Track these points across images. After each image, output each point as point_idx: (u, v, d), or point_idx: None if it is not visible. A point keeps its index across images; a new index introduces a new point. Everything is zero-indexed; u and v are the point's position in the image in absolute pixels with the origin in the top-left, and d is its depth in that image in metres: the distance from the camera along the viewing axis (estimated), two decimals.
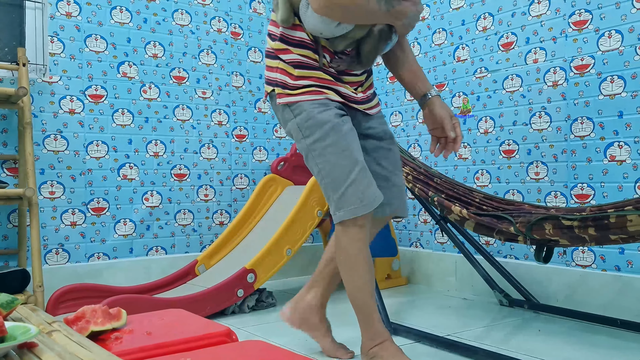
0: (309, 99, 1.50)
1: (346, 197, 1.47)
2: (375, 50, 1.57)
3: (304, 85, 1.51)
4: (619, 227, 1.50)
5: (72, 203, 2.53)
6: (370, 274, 1.58)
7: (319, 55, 1.52)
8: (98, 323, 1.02)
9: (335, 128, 1.48)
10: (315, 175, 1.55)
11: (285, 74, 1.53)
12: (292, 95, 1.51)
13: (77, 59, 2.56)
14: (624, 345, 1.77)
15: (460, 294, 2.60)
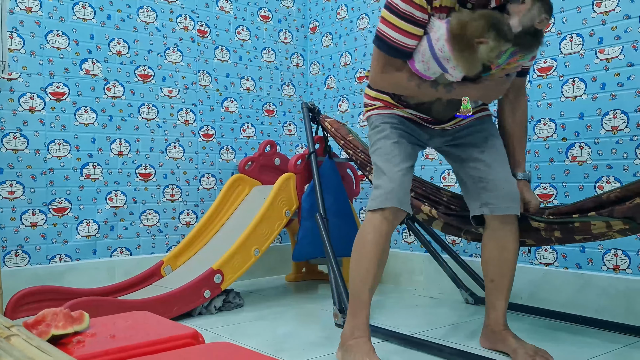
0: (377, 112, 1.72)
1: (376, 191, 1.61)
2: (445, 112, 1.65)
3: (376, 104, 1.75)
4: (583, 230, 1.55)
5: (32, 203, 2.46)
6: (377, 269, 1.62)
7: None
8: (59, 327, 0.99)
9: (387, 137, 1.65)
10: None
11: (366, 97, 1.79)
12: (368, 111, 1.77)
13: (37, 55, 2.49)
14: (584, 341, 1.82)
15: (428, 292, 2.63)
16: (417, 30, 1.48)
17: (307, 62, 3.42)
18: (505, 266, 1.65)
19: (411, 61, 1.54)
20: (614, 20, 2.04)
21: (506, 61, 1.47)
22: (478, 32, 1.39)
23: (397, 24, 1.49)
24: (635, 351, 1.69)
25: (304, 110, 2.56)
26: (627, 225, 1.45)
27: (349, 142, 2.35)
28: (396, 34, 1.50)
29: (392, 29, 1.50)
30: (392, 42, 1.51)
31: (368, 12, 3.02)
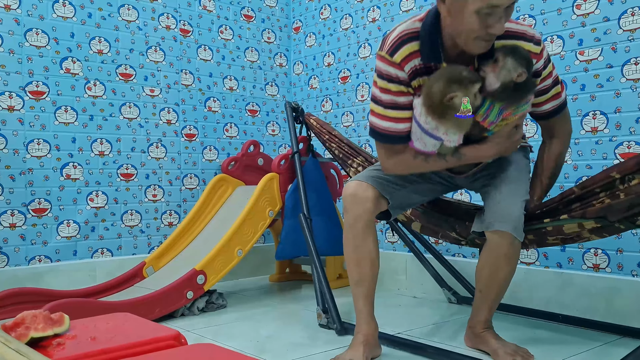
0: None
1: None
2: (464, 168, 1.68)
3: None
4: (555, 233, 1.57)
5: (11, 204, 2.42)
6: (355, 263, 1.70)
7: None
8: (39, 329, 0.98)
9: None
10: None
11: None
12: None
13: (16, 53, 2.45)
14: (564, 339, 1.84)
15: (411, 292, 2.64)
16: (405, 114, 1.54)
17: (290, 62, 3.42)
18: (495, 283, 1.63)
19: (410, 142, 1.57)
20: (593, 23, 2.06)
21: (498, 117, 1.49)
22: (443, 91, 1.43)
23: (384, 114, 1.55)
24: (615, 349, 1.72)
25: (287, 110, 2.55)
26: (599, 224, 1.46)
27: (334, 136, 2.34)
28: (386, 123, 1.56)
29: (380, 119, 1.56)
30: (385, 131, 1.57)
31: (351, 13, 3.02)
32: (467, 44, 1.44)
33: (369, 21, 2.92)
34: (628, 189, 1.33)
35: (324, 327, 2.01)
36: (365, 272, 1.69)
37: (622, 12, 1.99)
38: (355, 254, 1.68)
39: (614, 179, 1.36)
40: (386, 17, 2.83)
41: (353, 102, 2.99)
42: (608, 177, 1.37)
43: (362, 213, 1.64)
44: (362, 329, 1.69)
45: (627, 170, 1.33)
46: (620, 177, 1.35)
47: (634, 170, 1.31)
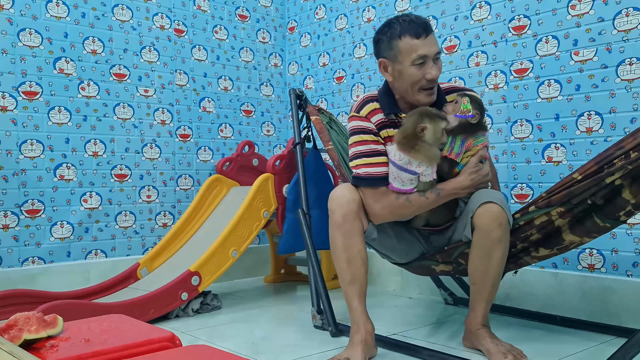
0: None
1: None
2: (441, 216, 1.81)
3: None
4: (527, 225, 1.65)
5: (4, 205, 2.40)
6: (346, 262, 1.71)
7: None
8: (32, 331, 0.97)
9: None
10: None
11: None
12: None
13: (9, 53, 2.44)
14: (560, 339, 1.84)
15: (406, 293, 2.64)
16: (383, 159, 1.72)
17: (285, 62, 3.41)
18: (488, 271, 1.65)
19: (390, 185, 1.70)
20: (588, 23, 2.07)
21: (462, 147, 1.68)
22: (415, 122, 1.63)
23: (365, 162, 1.72)
24: (610, 349, 1.71)
25: (291, 97, 2.47)
26: (564, 208, 1.53)
27: (329, 152, 2.26)
28: (367, 169, 1.71)
29: (363, 167, 1.72)
30: (368, 174, 1.71)
31: (346, 13, 3.02)
32: (415, 96, 1.73)
33: (364, 21, 2.92)
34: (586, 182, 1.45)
35: (318, 329, 2.01)
36: (357, 270, 1.70)
37: (616, 13, 1.99)
38: (346, 253, 1.69)
39: (576, 180, 1.47)
40: (381, 17, 2.83)
41: (348, 102, 2.99)
42: (571, 179, 1.49)
43: (348, 212, 1.68)
44: (359, 329, 1.68)
45: (587, 171, 1.45)
46: (581, 178, 1.46)
47: (594, 171, 1.43)
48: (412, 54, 1.68)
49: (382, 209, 1.71)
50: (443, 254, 1.79)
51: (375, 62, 2.83)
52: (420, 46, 1.68)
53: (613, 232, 2.00)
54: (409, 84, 1.72)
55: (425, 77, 1.69)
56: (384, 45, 1.76)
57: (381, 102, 1.79)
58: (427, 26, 1.71)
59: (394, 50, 1.72)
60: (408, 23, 1.71)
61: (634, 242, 1.96)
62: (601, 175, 1.41)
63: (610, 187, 1.44)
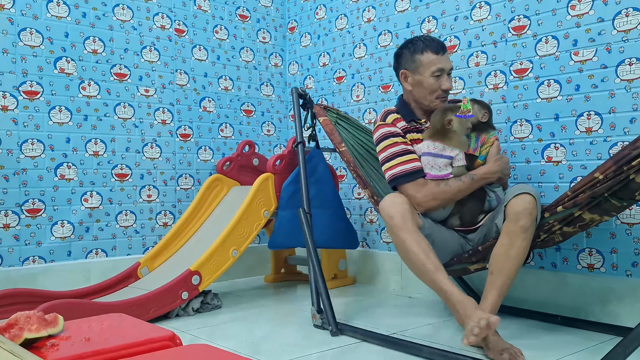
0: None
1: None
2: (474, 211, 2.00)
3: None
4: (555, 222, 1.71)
5: (4, 204, 2.41)
6: (424, 255, 1.76)
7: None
8: (32, 330, 0.97)
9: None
10: None
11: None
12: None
13: (10, 53, 2.44)
14: (559, 339, 1.84)
15: (406, 292, 2.64)
16: (414, 156, 1.96)
17: (285, 62, 3.41)
18: (508, 261, 1.70)
19: (427, 175, 1.93)
20: (588, 23, 2.07)
21: (477, 142, 1.92)
22: (442, 117, 1.92)
23: (400, 161, 1.95)
24: (609, 348, 1.72)
25: (294, 96, 2.47)
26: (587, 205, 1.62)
27: (342, 154, 2.25)
28: (403, 166, 1.94)
29: (399, 166, 1.94)
30: (404, 172, 1.93)
31: (347, 13, 3.02)
32: (432, 103, 2.01)
33: (364, 21, 2.92)
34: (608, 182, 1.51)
35: (318, 328, 2.01)
36: (436, 259, 1.76)
37: (616, 13, 2.00)
38: (420, 247, 1.76)
39: (598, 180, 1.53)
40: (381, 17, 2.83)
41: (348, 102, 2.99)
42: (593, 179, 1.54)
43: (404, 212, 1.80)
44: (468, 303, 1.67)
45: (607, 171, 1.50)
46: (603, 178, 1.51)
47: (613, 170, 1.48)
48: (432, 67, 1.97)
49: (425, 197, 1.90)
50: (477, 254, 1.84)
51: (376, 62, 2.85)
52: (439, 61, 1.98)
53: (612, 232, 2.00)
54: (427, 92, 2.00)
55: (441, 88, 1.99)
56: (406, 59, 2.04)
57: (401, 113, 2.06)
58: (444, 46, 2.03)
59: (415, 63, 2.00)
60: (430, 41, 2.01)
61: (633, 242, 1.96)
62: (621, 176, 1.47)
63: (626, 181, 1.50)
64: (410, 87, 2.04)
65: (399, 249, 1.82)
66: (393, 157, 1.96)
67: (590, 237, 2.06)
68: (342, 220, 2.59)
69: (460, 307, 1.68)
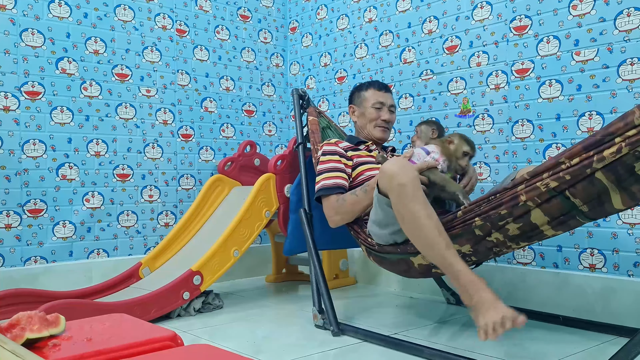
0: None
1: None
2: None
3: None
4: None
5: (6, 204, 2.41)
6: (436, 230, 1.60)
7: None
8: (34, 330, 0.97)
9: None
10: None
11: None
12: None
13: (12, 53, 2.44)
14: (561, 339, 1.84)
15: (407, 292, 2.64)
16: (339, 173, 2.11)
17: (287, 62, 3.42)
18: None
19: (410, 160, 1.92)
20: (589, 23, 2.07)
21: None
22: (448, 136, 2.00)
23: (324, 176, 2.10)
24: (611, 349, 1.72)
25: (294, 97, 2.50)
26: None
27: (316, 151, 2.31)
28: (324, 182, 2.10)
29: (320, 182, 2.11)
30: (323, 186, 2.10)
31: (348, 13, 3.02)
32: (372, 131, 2.29)
33: (366, 21, 2.92)
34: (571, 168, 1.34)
35: (320, 328, 2.01)
36: (446, 235, 1.60)
37: (618, 13, 1.99)
38: (432, 221, 1.60)
39: (562, 162, 1.36)
40: (382, 18, 2.83)
41: None
42: (557, 163, 1.37)
43: (415, 179, 1.64)
44: (479, 283, 1.52)
45: (574, 155, 1.33)
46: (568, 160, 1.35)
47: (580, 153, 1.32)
48: (373, 99, 2.29)
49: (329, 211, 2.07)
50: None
51: (377, 62, 2.85)
52: (380, 96, 2.30)
53: (614, 232, 2.00)
54: (368, 121, 2.29)
55: (381, 118, 2.28)
56: (354, 97, 2.38)
57: (349, 140, 2.31)
58: (387, 86, 2.36)
59: (360, 98, 2.34)
60: (374, 82, 2.38)
61: (635, 242, 1.96)
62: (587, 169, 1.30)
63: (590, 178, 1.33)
64: (356, 118, 2.35)
65: (407, 220, 1.63)
66: (320, 172, 2.12)
67: (592, 237, 2.06)
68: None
69: (470, 288, 1.52)
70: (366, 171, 2.14)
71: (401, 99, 2.73)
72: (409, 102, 2.69)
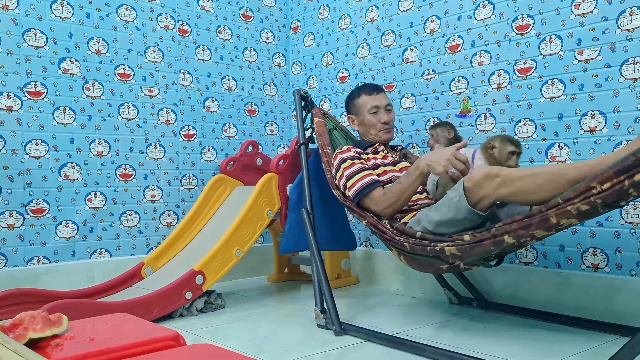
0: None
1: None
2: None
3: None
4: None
5: (9, 204, 2.42)
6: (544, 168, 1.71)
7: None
8: (37, 330, 0.97)
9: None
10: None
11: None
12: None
13: (14, 54, 2.45)
14: (563, 339, 1.84)
15: (410, 292, 2.64)
16: (369, 171, 2.09)
17: (289, 62, 3.42)
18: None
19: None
20: (592, 22, 2.06)
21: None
22: (489, 141, 1.93)
23: (357, 177, 2.07)
24: (614, 348, 1.71)
25: (296, 97, 2.50)
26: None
27: (325, 155, 2.32)
28: (360, 182, 2.06)
29: (356, 184, 2.06)
30: (361, 187, 2.05)
31: (350, 13, 3.02)
32: (376, 135, 2.32)
33: (368, 21, 2.92)
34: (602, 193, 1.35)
35: (322, 328, 2.01)
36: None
37: (620, 12, 1.99)
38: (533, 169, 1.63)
39: (593, 187, 1.37)
40: (384, 17, 2.83)
41: None
42: (589, 188, 1.38)
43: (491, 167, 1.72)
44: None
45: (605, 180, 1.34)
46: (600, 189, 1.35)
47: (611, 178, 1.32)
48: (367, 105, 2.31)
49: (378, 206, 2.00)
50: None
51: (379, 62, 2.85)
52: (373, 100, 2.31)
53: (617, 232, 2.00)
54: (370, 128, 2.31)
55: (380, 121, 2.30)
56: (350, 107, 2.39)
57: (357, 145, 2.30)
58: (377, 87, 2.37)
59: (355, 107, 2.36)
60: (364, 86, 2.39)
61: (637, 241, 1.95)
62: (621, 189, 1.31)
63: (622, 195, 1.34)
64: (357, 127, 2.38)
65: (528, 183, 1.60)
66: (351, 177, 2.09)
67: (595, 236, 2.06)
68: (342, 222, 2.60)
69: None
70: (383, 174, 2.14)
71: (403, 99, 2.73)
72: (411, 102, 2.69)
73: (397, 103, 2.74)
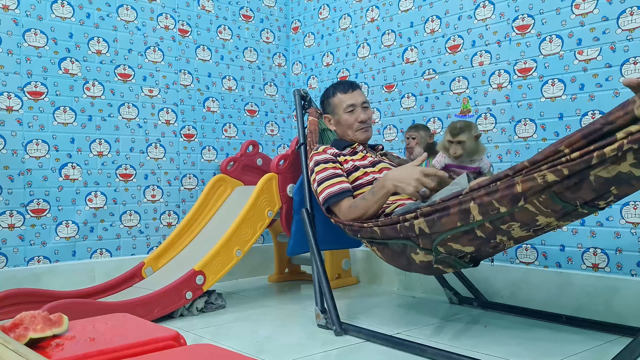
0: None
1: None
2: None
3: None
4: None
5: (9, 204, 2.42)
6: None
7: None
8: (37, 330, 0.97)
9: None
10: None
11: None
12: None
13: (15, 54, 2.45)
14: (564, 339, 1.84)
15: (410, 292, 2.64)
16: (341, 178, 2.09)
17: (289, 62, 3.42)
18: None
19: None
20: (592, 22, 2.06)
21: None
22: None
23: (328, 184, 2.07)
24: (614, 348, 1.71)
25: (296, 98, 2.48)
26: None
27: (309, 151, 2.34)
28: (330, 189, 2.06)
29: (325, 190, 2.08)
30: (330, 194, 2.06)
31: (350, 13, 3.02)
32: (355, 134, 2.26)
33: (368, 21, 2.92)
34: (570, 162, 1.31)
35: (322, 328, 2.01)
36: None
37: (621, 12, 1.99)
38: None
39: (562, 152, 1.33)
40: (385, 17, 2.83)
41: None
42: (557, 152, 1.33)
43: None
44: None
45: (572, 144, 1.30)
46: (569, 151, 1.31)
47: (580, 143, 1.29)
48: (343, 104, 2.24)
49: (344, 216, 2.01)
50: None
51: (379, 62, 2.85)
52: (348, 98, 2.24)
53: (617, 232, 2.00)
54: (347, 127, 2.25)
55: (357, 120, 2.23)
56: (325, 106, 2.33)
57: (334, 145, 2.25)
58: (352, 84, 2.29)
59: (331, 106, 2.29)
60: (338, 84, 2.31)
61: (638, 241, 1.95)
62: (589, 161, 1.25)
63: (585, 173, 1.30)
64: (334, 127, 2.32)
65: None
66: (322, 182, 2.09)
67: (595, 236, 2.06)
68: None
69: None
70: (363, 176, 2.12)
71: (403, 99, 2.73)
72: (412, 102, 2.69)
73: (398, 103, 2.74)
